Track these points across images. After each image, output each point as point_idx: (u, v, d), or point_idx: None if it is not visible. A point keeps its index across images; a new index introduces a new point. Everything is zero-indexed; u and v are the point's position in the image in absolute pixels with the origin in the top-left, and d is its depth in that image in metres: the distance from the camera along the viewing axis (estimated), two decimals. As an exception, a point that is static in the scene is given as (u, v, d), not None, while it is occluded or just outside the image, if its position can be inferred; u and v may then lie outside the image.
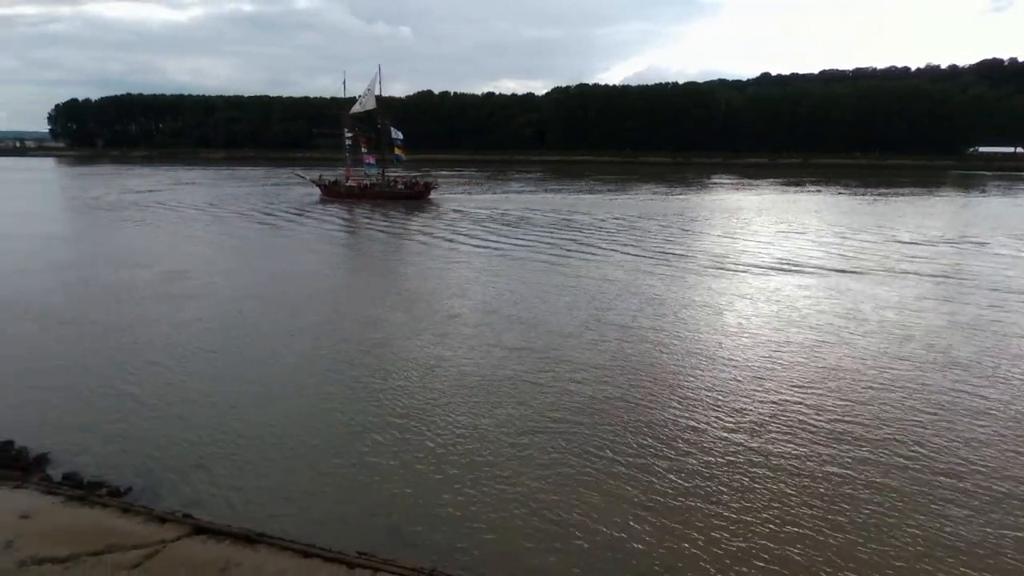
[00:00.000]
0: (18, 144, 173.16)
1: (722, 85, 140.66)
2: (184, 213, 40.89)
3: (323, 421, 10.64)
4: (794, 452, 9.57)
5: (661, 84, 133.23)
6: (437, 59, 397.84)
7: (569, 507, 8.16)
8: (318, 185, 52.03)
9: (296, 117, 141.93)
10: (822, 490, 8.55)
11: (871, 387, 11.99)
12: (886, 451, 9.58)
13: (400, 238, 32.15)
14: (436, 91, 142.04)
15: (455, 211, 42.23)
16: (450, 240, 29.99)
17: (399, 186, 50.23)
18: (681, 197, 53.64)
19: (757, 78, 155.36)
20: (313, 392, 11.89)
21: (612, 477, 8.89)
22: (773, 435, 10.10)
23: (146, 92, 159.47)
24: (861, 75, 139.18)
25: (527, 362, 13.30)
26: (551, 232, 32.47)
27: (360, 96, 50.61)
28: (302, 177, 56.03)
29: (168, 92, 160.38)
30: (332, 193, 50.54)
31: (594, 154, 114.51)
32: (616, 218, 38.29)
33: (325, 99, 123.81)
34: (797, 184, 68.32)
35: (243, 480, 8.80)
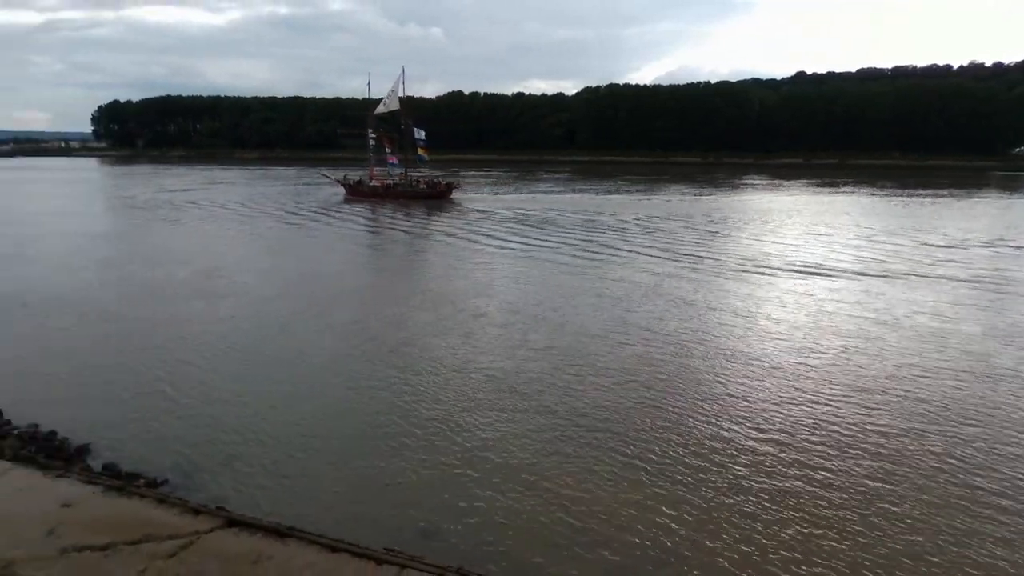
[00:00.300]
0: (63, 145, 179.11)
1: (755, 84, 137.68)
2: (216, 212, 41.82)
3: (350, 421, 10.82)
4: (827, 463, 9.38)
5: (692, 84, 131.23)
6: (468, 60, 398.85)
7: (594, 512, 8.15)
8: (343, 185, 52.85)
9: (328, 118, 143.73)
10: (856, 504, 8.36)
11: (906, 397, 11.69)
12: (923, 464, 9.33)
13: (423, 238, 32.40)
14: (466, 91, 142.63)
15: (478, 211, 42.31)
16: (474, 241, 30.12)
17: (421, 186, 50.68)
18: (710, 198, 52.92)
19: (792, 77, 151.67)
20: (340, 392, 12.09)
21: (638, 483, 8.84)
22: (805, 445, 9.92)
23: (186, 94, 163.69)
24: (900, 74, 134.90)
25: (553, 363, 13.31)
26: (577, 233, 32.36)
27: (384, 97, 51.25)
28: (327, 177, 56.97)
29: (207, 94, 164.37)
30: (356, 192, 51.30)
31: (624, 154, 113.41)
32: (643, 219, 37.97)
33: (356, 100, 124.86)
34: (832, 185, 66.83)
35: (271, 478, 8.99)
